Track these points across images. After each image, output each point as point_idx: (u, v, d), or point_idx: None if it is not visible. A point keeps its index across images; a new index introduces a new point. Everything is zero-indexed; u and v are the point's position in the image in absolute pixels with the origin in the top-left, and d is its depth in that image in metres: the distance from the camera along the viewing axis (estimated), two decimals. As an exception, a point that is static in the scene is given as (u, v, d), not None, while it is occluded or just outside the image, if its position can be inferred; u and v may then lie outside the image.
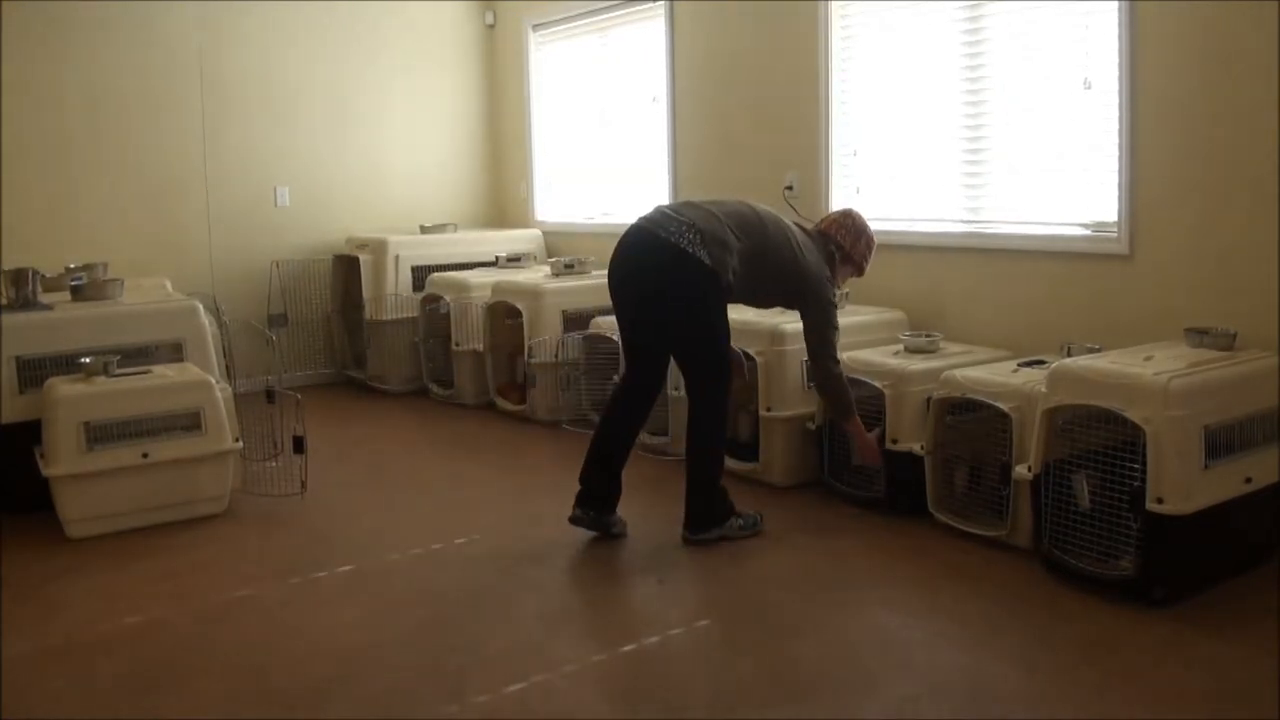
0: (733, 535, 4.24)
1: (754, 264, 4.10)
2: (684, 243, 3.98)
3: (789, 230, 4.24)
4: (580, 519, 4.26)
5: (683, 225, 4.02)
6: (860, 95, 5.70)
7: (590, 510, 4.26)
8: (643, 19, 7.05)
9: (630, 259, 4.16)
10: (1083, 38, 4.68)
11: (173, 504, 4.59)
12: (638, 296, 4.16)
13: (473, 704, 3.02)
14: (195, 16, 7.12)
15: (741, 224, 4.12)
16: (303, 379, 7.50)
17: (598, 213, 7.72)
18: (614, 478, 4.28)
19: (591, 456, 4.29)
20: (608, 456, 4.27)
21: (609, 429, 4.29)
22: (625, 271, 4.18)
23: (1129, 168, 4.48)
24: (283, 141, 7.54)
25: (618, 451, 4.28)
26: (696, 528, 4.22)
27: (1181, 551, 3.49)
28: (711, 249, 3.99)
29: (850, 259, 4.42)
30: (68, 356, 4.74)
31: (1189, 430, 3.49)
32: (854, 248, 4.41)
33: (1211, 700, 2.95)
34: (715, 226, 4.05)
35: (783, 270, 4.16)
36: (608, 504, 4.29)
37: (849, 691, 3.06)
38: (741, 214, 4.17)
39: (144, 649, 3.42)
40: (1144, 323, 4.46)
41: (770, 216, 4.25)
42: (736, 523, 4.26)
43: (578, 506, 4.27)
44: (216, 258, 7.32)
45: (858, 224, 4.44)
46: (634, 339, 4.28)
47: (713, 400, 4.17)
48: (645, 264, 4.09)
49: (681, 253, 3.97)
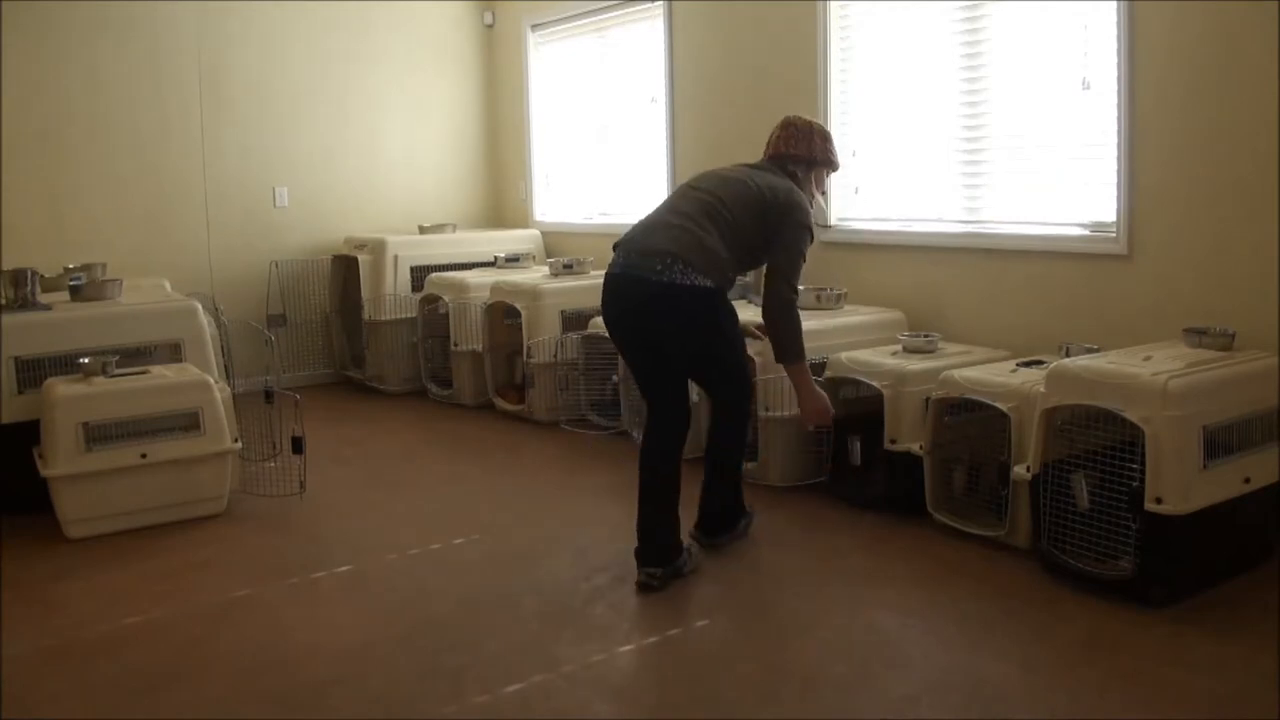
0: (741, 534, 4.24)
1: (735, 236, 3.84)
2: (675, 276, 3.72)
3: (739, 179, 3.96)
4: (649, 585, 3.80)
5: (665, 258, 3.75)
6: (859, 95, 5.70)
7: (659, 566, 3.83)
8: (642, 19, 7.05)
9: (626, 311, 3.90)
10: (1081, 38, 4.68)
11: (171, 504, 4.59)
12: (649, 342, 3.89)
13: (472, 704, 3.02)
14: (194, 17, 7.12)
15: (701, 210, 3.85)
16: (301, 379, 7.51)
17: (596, 213, 7.73)
18: (676, 520, 3.89)
19: (649, 505, 3.88)
20: (665, 499, 3.87)
21: (652, 472, 3.89)
22: (627, 324, 3.93)
23: (1127, 168, 4.48)
24: (282, 142, 7.54)
25: (670, 492, 3.88)
26: (711, 532, 4.15)
27: (1180, 551, 3.49)
28: (700, 265, 3.74)
29: (814, 161, 4.14)
30: (66, 357, 4.74)
31: (1188, 430, 3.49)
32: (810, 148, 4.12)
33: (1211, 700, 2.95)
34: (688, 240, 3.77)
35: (754, 219, 3.87)
36: (675, 551, 3.90)
37: (848, 691, 3.06)
38: (697, 200, 3.90)
39: (143, 649, 3.42)
40: (1142, 323, 4.46)
41: (716, 179, 4.00)
42: (743, 523, 4.25)
43: (645, 568, 3.84)
44: (215, 258, 7.32)
45: (799, 125, 4.16)
46: (647, 376, 3.98)
47: (739, 407, 4.09)
48: (643, 311, 3.84)
49: (675, 288, 3.73)
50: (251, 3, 7.34)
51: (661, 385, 3.95)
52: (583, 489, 5.05)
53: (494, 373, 6.66)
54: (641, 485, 3.90)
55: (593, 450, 5.73)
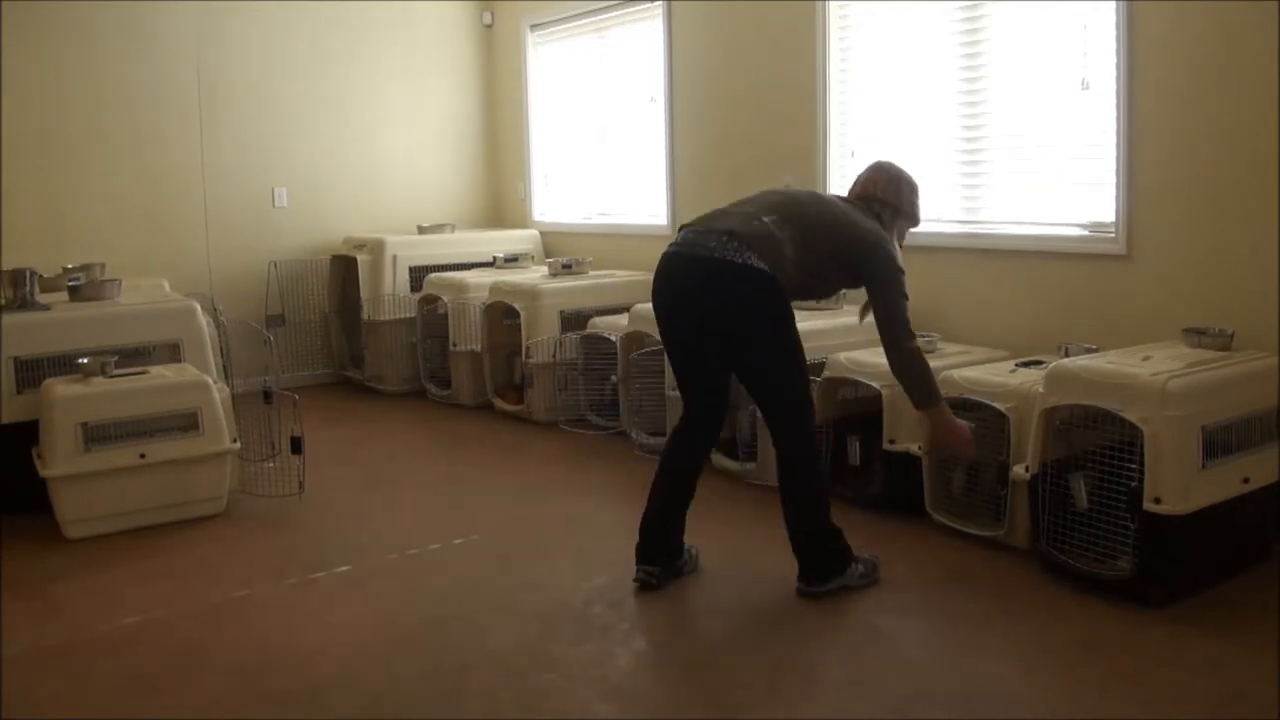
0: (854, 584, 3.73)
1: (806, 249, 3.58)
2: (729, 253, 3.50)
3: (829, 200, 3.81)
4: (648, 582, 3.76)
5: (720, 236, 3.54)
6: (858, 95, 5.70)
7: (658, 565, 3.79)
8: (641, 19, 7.05)
9: (675, 289, 3.68)
10: (1081, 38, 4.69)
11: (170, 504, 4.59)
12: (693, 326, 3.66)
13: (471, 704, 3.02)
14: (193, 17, 7.12)
15: (778, 211, 3.63)
16: (300, 380, 7.50)
17: (595, 213, 7.73)
18: (682, 520, 3.84)
19: (655, 503, 3.82)
20: (677, 497, 3.82)
21: (674, 466, 3.82)
22: (673, 303, 3.71)
23: (1127, 168, 4.48)
24: (280, 142, 7.54)
25: (685, 492, 3.83)
26: (813, 580, 3.70)
27: (1179, 551, 3.49)
28: (761, 249, 3.50)
29: (900, 211, 3.88)
30: (65, 357, 4.74)
31: (1187, 430, 3.49)
32: (898, 197, 3.87)
33: (1210, 700, 2.95)
34: (755, 225, 3.56)
35: (835, 243, 3.64)
36: (676, 550, 3.85)
37: (847, 691, 3.06)
38: (774, 202, 3.70)
39: (142, 649, 3.42)
40: (1142, 323, 4.46)
41: (805, 194, 3.87)
42: (857, 569, 3.75)
43: (644, 565, 3.79)
44: (214, 258, 7.31)
45: (891, 171, 3.93)
46: (689, 368, 3.77)
47: (797, 433, 3.67)
48: (692, 289, 3.60)
49: (730, 265, 3.49)
50: (250, 3, 7.34)
51: (699, 379, 3.77)
52: (582, 489, 5.05)
53: (493, 373, 6.66)
54: (656, 482, 3.82)
55: (592, 450, 5.73)
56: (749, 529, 4.33)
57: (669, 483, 3.80)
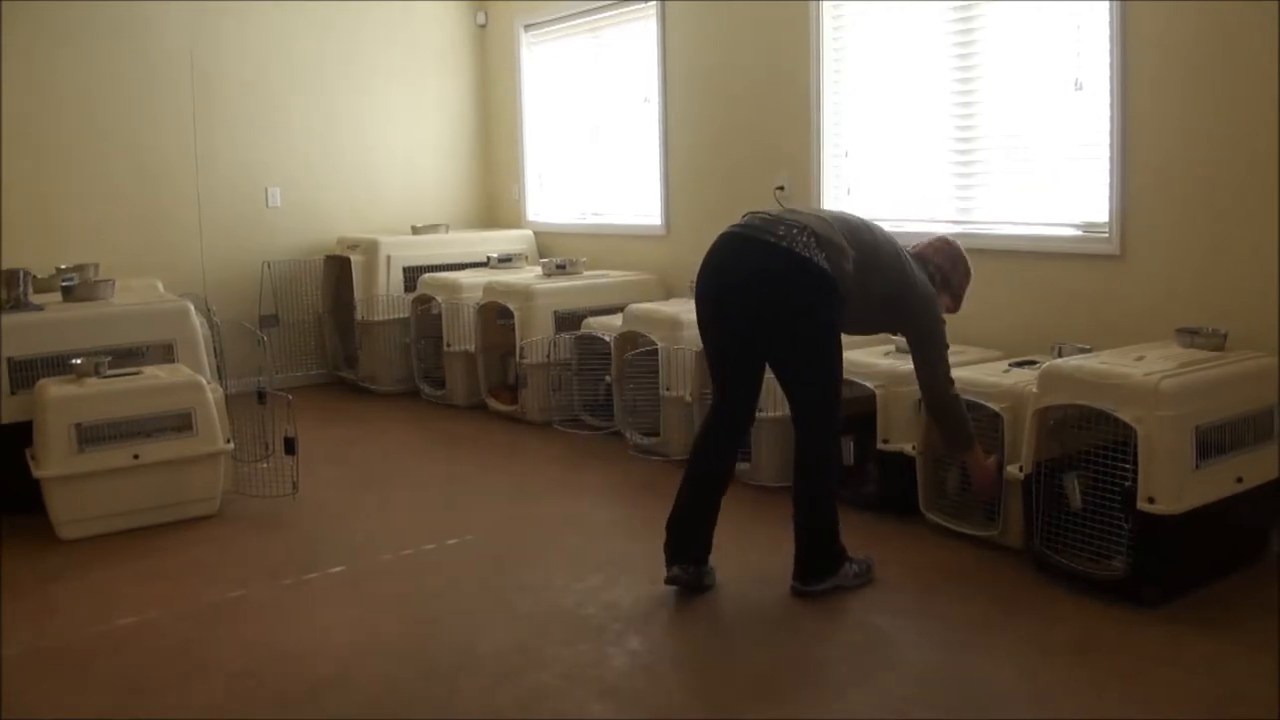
0: (847, 584, 3.74)
1: (865, 276, 3.57)
2: (798, 246, 3.45)
3: (895, 242, 3.78)
4: (680, 578, 3.69)
5: (793, 228, 3.50)
6: (852, 95, 5.71)
7: (689, 565, 3.71)
8: (635, 19, 7.05)
9: (731, 269, 3.59)
10: (1074, 38, 4.69)
11: (164, 505, 4.58)
12: (746, 313, 3.58)
13: (465, 704, 3.02)
14: (187, 17, 7.10)
15: (851, 231, 3.61)
16: (294, 380, 7.49)
17: (589, 213, 7.72)
18: (713, 522, 3.75)
19: (685, 501, 3.74)
20: (707, 498, 3.73)
21: (705, 467, 3.74)
22: (725, 284, 3.61)
23: (1120, 168, 4.49)
24: (274, 142, 7.52)
25: (716, 491, 3.74)
26: (809, 579, 3.69)
27: (1173, 551, 3.50)
28: (829, 254, 3.48)
29: (948, 286, 3.96)
30: (59, 357, 4.73)
31: (1180, 430, 3.50)
32: (952, 274, 3.96)
33: (1205, 699, 2.96)
34: (828, 231, 3.53)
35: (891, 284, 3.66)
36: (704, 552, 3.76)
37: (842, 691, 3.07)
38: (848, 220, 3.69)
39: (136, 650, 3.42)
40: (1135, 323, 4.47)
41: (876, 226, 3.80)
42: (851, 569, 3.75)
43: (674, 563, 3.71)
44: (208, 258, 7.30)
45: (955, 250, 4.00)
46: (731, 358, 3.70)
47: (823, 433, 3.65)
48: (752, 273, 3.53)
49: (797, 258, 3.45)
50: (245, 3, 7.32)
51: (739, 371, 3.70)
52: (576, 489, 5.04)
53: (487, 373, 6.66)
54: (686, 478, 3.75)
55: (586, 450, 5.73)
56: (744, 529, 4.33)
57: (697, 476, 3.74)
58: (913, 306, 3.71)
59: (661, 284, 6.71)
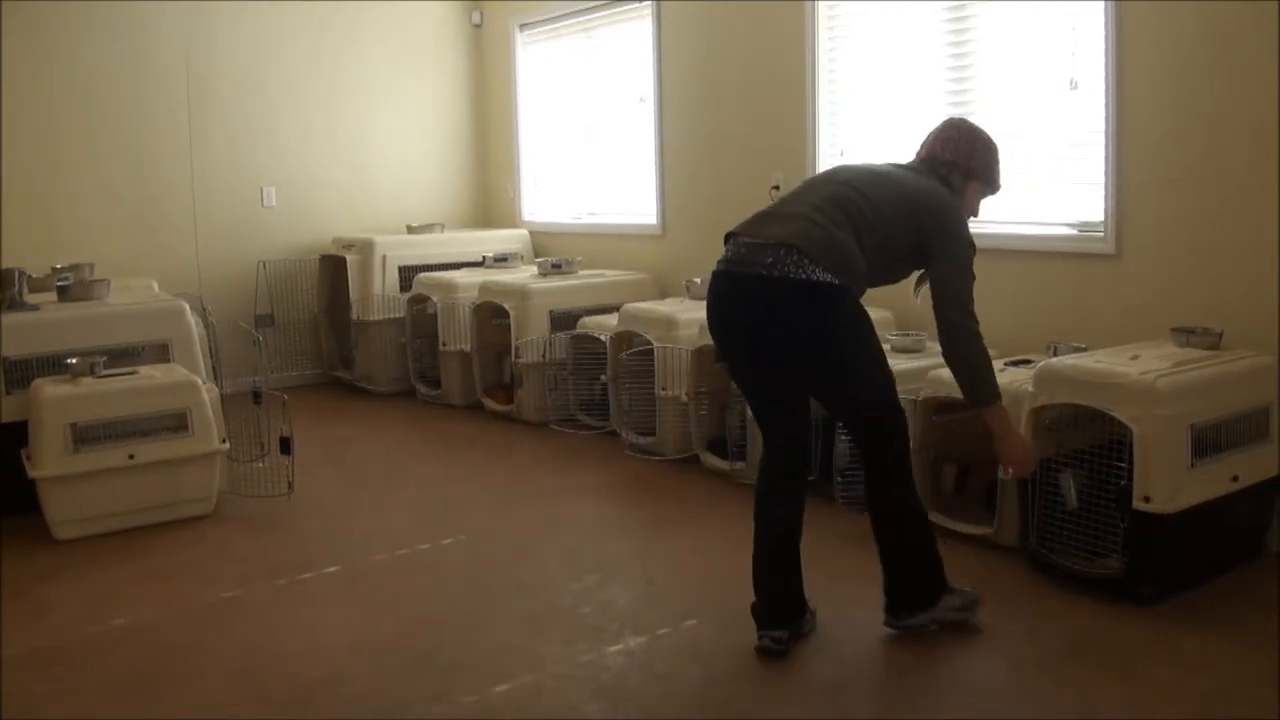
0: (948, 619, 3.38)
1: (871, 244, 3.20)
2: (790, 270, 3.10)
3: (886, 173, 3.36)
4: (771, 649, 3.27)
5: (778, 250, 3.13)
6: (847, 95, 5.71)
7: (782, 629, 3.30)
8: (630, 19, 7.04)
9: (732, 316, 3.28)
10: (1069, 38, 4.69)
11: (159, 505, 4.58)
12: (760, 353, 3.29)
13: (461, 704, 3.02)
14: (182, 17, 7.09)
15: (835, 206, 3.21)
16: (289, 380, 7.48)
17: (585, 213, 7.72)
18: (797, 570, 3.38)
19: (764, 553, 3.38)
20: (783, 545, 3.38)
21: (773, 514, 3.39)
22: (733, 331, 3.32)
23: (1115, 168, 4.49)
24: (269, 142, 7.52)
25: (792, 533, 3.39)
26: (902, 611, 3.36)
27: (1168, 550, 3.50)
28: (825, 258, 3.10)
29: (973, 173, 3.45)
30: (54, 357, 4.73)
31: (1176, 429, 3.50)
32: (971, 157, 3.45)
33: (1201, 698, 2.96)
34: (813, 231, 3.15)
35: (902, 227, 3.24)
36: (798, 607, 3.39)
37: (836, 690, 3.07)
38: (828, 195, 3.25)
39: (131, 650, 3.41)
40: (1130, 322, 4.47)
41: (858, 171, 3.39)
42: (952, 602, 3.39)
43: (766, 630, 3.30)
44: (203, 258, 7.29)
45: (965, 129, 3.50)
46: (766, 399, 3.40)
47: (889, 448, 3.29)
48: (753, 317, 3.22)
49: (793, 283, 3.10)
50: (239, 3, 7.32)
51: (774, 410, 3.39)
52: (572, 489, 5.04)
53: (482, 373, 6.65)
54: (755, 532, 3.39)
55: (581, 450, 5.73)
56: (737, 529, 4.31)
57: (764, 528, 3.38)
58: (931, 229, 3.25)
59: (657, 283, 6.71)
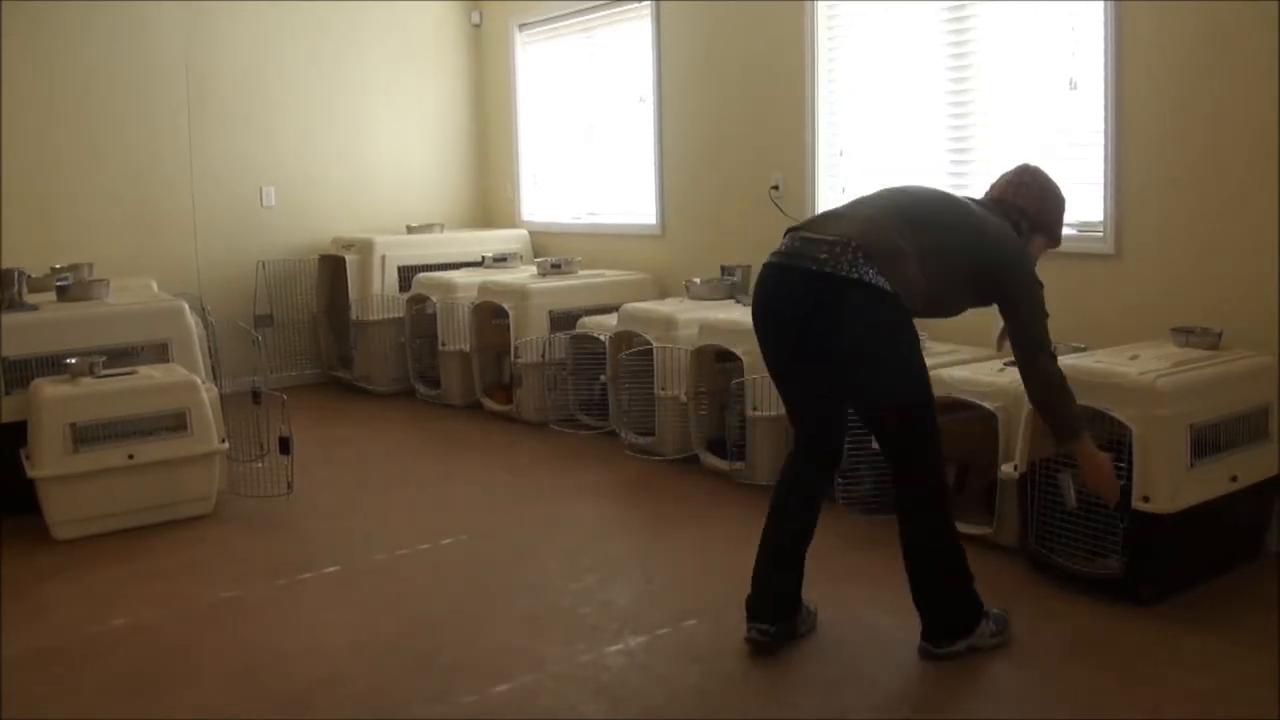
0: (983, 645, 3.25)
1: (935, 263, 3.11)
2: (842, 268, 3.02)
3: (963, 206, 3.28)
4: (759, 640, 3.28)
5: (834, 247, 3.05)
6: (847, 95, 5.71)
7: (770, 623, 3.29)
8: (629, 19, 7.04)
9: (777, 309, 3.22)
10: (1069, 38, 4.69)
11: (159, 505, 4.57)
12: (800, 350, 3.21)
13: (460, 704, 3.02)
14: (181, 17, 7.09)
15: (904, 217, 3.15)
16: (289, 380, 7.48)
17: (584, 213, 7.72)
18: (798, 570, 3.36)
19: (768, 547, 3.36)
20: (790, 544, 3.35)
21: (787, 510, 3.36)
22: (775, 324, 3.25)
23: (1115, 167, 4.49)
24: (269, 142, 7.52)
25: (802, 536, 3.36)
26: (938, 640, 3.23)
27: (1168, 550, 3.50)
28: (882, 262, 3.02)
29: (1039, 225, 3.42)
30: (54, 357, 4.72)
31: (1175, 429, 3.50)
32: (1041, 210, 3.42)
33: (1201, 697, 2.97)
34: (877, 234, 3.07)
35: (969, 257, 3.17)
36: (792, 606, 3.37)
37: (835, 689, 3.07)
38: (899, 204, 3.21)
39: (131, 651, 3.41)
40: (1130, 322, 4.47)
41: (936, 195, 3.33)
42: (987, 628, 3.26)
43: (754, 622, 3.31)
44: (202, 258, 7.29)
45: (1040, 180, 3.45)
46: (800, 399, 3.35)
47: (926, 471, 3.18)
48: (798, 310, 3.14)
49: (843, 282, 3.02)
50: (239, 3, 7.32)
51: (806, 409, 3.34)
52: (571, 489, 5.04)
53: (482, 373, 6.65)
54: (766, 526, 3.37)
55: (581, 450, 5.73)
56: (736, 529, 4.33)
57: (776, 524, 3.36)
58: (1001, 272, 3.18)
59: (656, 283, 6.71)
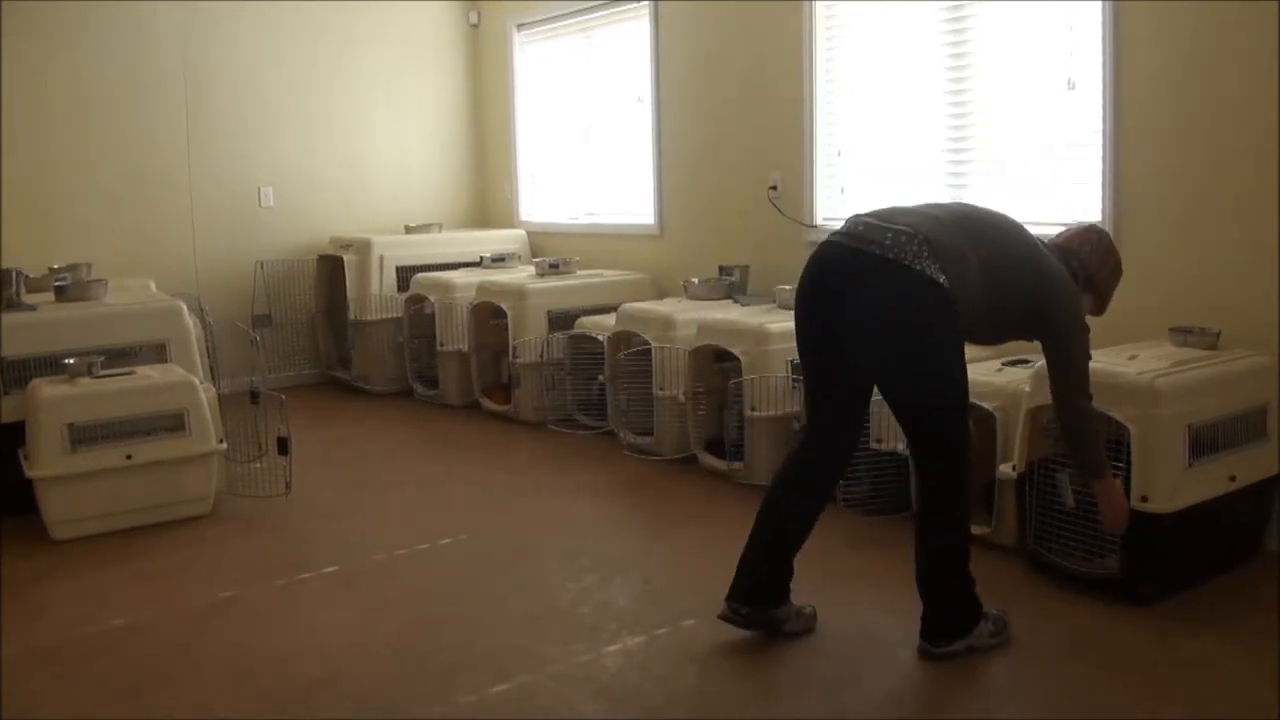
0: (982, 645, 3.25)
1: (992, 280, 3.09)
2: (906, 256, 3.01)
3: (1029, 236, 3.27)
4: (729, 617, 3.32)
5: (900, 235, 3.04)
6: (845, 95, 5.71)
7: (744, 606, 3.32)
8: (627, 19, 7.04)
9: (829, 284, 3.16)
10: (1067, 38, 4.70)
11: (157, 505, 4.57)
12: (842, 332, 3.15)
13: (459, 704, 3.02)
14: (179, 17, 7.09)
15: (972, 229, 3.15)
16: (287, 380, 7.47)
17: (582, 213, 7.72)
18: (784, 563, 3.36)
19: (757, 535, 3.36)
20: (780, 537, 3.35)
21: (783, 501, 3.37)
22: (822, 301, 3.18)
23: (1113, 168, 4.49)
24: (267, 141, 7.51)
25: (794, 531, 3.36)
26: (937, 640, 3.23)
27: (1166, 550, 3.50)
28: (945, 262, 3.01)
29: (1093, 285, 3.43)
30: (52, 357, 4.72)
31: (1173, 429, 3.51)
32: (1099, 271, 3.42)
33: (1200, 697, 2.97)
34: (943, 233, 3.06)
35: (1024, 283, 3.16)
36: (771, 595, 3.35)
37: (834, 689, 3.07)
38: (970, 217, 3.22)
39: (130, 651, 3.41)
40: (1128, 322, 4.46)
41: (1004, 219, 3.30)
42: (986, 628, 3.26)
43: (729, 601, 3.33)
44: (201, 258, 7.29)
45: (1106, 243, 3.46)
46: (828, 384, 3.30)
47: (949, 471, 3.18)
48: (853, 288, 3.09)
49: (904, 270, 3.01)
50: (237, 3, 7.31)
51: (830, 397, 3.31)
52: (569, 489, 5.04)
53: (480, 373, 6.65)
54: (759, 512, 3.39)
55: (579, 450, 5.73)
56: (735, 529, 4.31)
57: (770, 512, 3.37)
58: (1051, 306, 3.18)
59: (655, 283, 6.71)
